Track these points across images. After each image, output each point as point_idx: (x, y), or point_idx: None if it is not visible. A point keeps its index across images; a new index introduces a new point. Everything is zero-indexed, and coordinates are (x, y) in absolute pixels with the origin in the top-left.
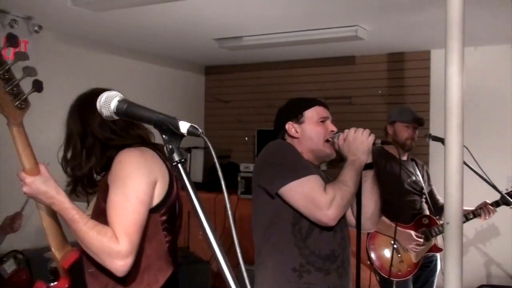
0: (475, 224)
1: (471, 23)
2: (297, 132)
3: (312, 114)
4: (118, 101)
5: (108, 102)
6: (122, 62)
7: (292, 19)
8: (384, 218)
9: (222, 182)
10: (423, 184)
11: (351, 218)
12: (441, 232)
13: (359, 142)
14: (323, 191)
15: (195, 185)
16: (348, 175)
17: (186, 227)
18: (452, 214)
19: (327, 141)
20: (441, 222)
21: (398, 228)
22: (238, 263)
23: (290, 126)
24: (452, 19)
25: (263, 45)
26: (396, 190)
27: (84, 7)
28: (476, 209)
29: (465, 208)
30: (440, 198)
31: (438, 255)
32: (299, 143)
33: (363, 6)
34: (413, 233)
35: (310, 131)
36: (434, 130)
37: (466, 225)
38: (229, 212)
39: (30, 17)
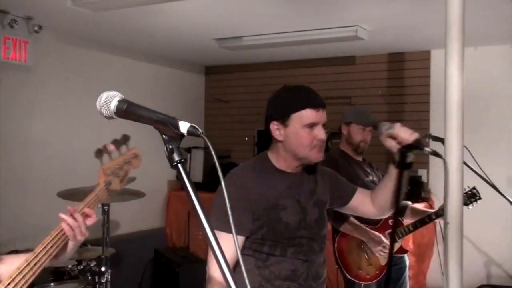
0: (475, 224)
1: (471, 23)
2: (280, 134)
3: (301, 117)
4: (118, 101)
5: (108, 102)
6: (122, 62)
7: (292, 19)
8: (352, 219)
9: (222, 182)
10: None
11: (366, 209)
12: (407, 233)
13: None
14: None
15: (195, 185)
16: None
17: (186, 227)
18: (452, 214)
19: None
20: (406, 222)
21: (368, 229)
22: (238, 263)
23: (274, 127)
24: (452, 19)
25: (263, 45)
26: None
27: (84, 7)
28: (439, 209)
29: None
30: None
31: (405, 255)
32: (282, 146)
33: (363, 6)
34: (382, 236)
35: (294, 137)
36: (434, 130)
37: (466, 225)
38: (229, 212)
39: (30, 17)
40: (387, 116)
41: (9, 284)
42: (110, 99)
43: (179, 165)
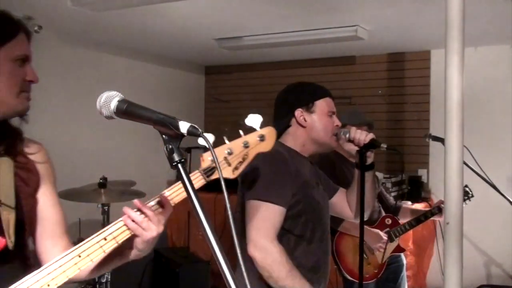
0: (475, 224)
1: (471, 23)
2: (305, 121)
3: (323, 105)
4: (118, 101)
5: (108, 102)
6: (122, 62)
7: (292, 19)
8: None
9: (222, 182)
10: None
11: (346, 211)
12: (403, 232)
13: None
14: (274, 234)
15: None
16: (291, 285)
17: (186, 227)
18: (452, 214)
19: (334, 135)
20: (402, 221)
21: (366, 227)
22: (238, 263)
23: (300, 114)
24: (452, 19)
25: (263, 45)
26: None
27: (84, 7)
28: (434, 207)
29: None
30: (390, 197)
31: (402, 254)
32: (305, 132)
33: (363, 6)
34: (380, 232)
35: (319, 123)
36: (434, 130)
37: (466, 225)
38: (229, 212)
39: (30, 17)
40: (387, 116)
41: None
42: (110, 99)
43: (179, 165)
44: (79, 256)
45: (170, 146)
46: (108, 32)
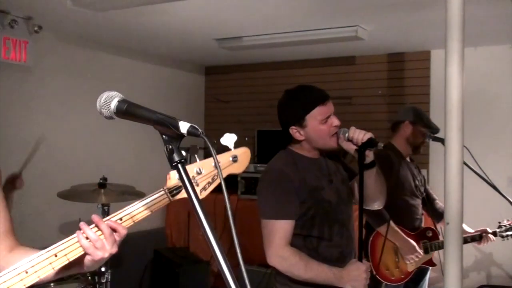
0: (475, 224)
1: (471, 23)
2: (301, 135)
3: (315, 116)
4: (118, 101)
5: (108, 102)
6: (122, 62)
7: (292, 19)
8: (393, 224)
9: (222, 182)
10: (422, 189)
11: (356, 198)
12: (440, 247)
13: (356, 275)
14: (285, 242)
15: None
16: (322, 276)
17: (186, 227)
18: (452, 214)
19: (333, 135)
20: (441, 237)
21: (405, 237)
22: (238, 263)
23: (294, 131)
24: (452, 19)
25: (263, 45)
26: (406, 191)
27: (84, 7)
28: (474, 234)
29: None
30: (438, 202)
31: (430, 268)
32: (305, 143)
33: (363, 6)
34: (416, 246)
35: (314, 133)
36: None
37: (466, 225)
38: (229, 212)
39: (30, 17)
40: (387, 116)
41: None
42: (110, 99)
43: (179, 165)
44: (26, 272)
45: (170, 146)
46: (108, 32)
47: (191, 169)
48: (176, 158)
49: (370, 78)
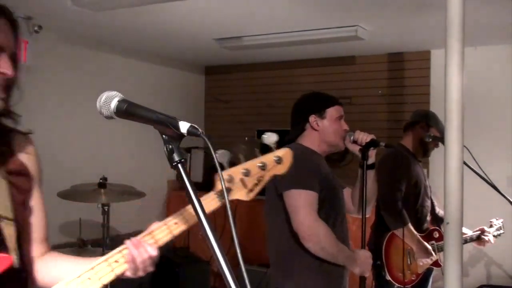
0: (475, 224)
1: (471, 23)
2: (318, 125)
3: (333, 112)
4: (118, 101)
5: (108, 102)
6: (122, 62)
7: (292, 19)
8: (410, 226)
9: (223, 182)
10: (429, 190)
11: (349, 206)
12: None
13: (365, 261)
14: (315, 216)
15: (195, 185)
16: (346, 252)
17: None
18: (452, 214)
19: (342, 138)
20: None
21: (421, 239)
22: (238, 263)
23: (313, 119)
24: (452, 19)
25: (263, 45)
26: (419, 192)
27: (84, 7)
28: (473, 235)
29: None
30: (437, 207)
31: (435, 268)
32: (318, 135)
33: (363, 6)
34: (430, 249)
35: (330, 127)
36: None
37: (465, 225)
38: (229, 212)
39: (30, 17)
40: (387, 116)
41: None
42: (110, 99)
43: (179, 165)
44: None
45: (170, 146)
46: (108, 32)
47: (237, 170)
48: (176, 158)
49: (370, 78)
